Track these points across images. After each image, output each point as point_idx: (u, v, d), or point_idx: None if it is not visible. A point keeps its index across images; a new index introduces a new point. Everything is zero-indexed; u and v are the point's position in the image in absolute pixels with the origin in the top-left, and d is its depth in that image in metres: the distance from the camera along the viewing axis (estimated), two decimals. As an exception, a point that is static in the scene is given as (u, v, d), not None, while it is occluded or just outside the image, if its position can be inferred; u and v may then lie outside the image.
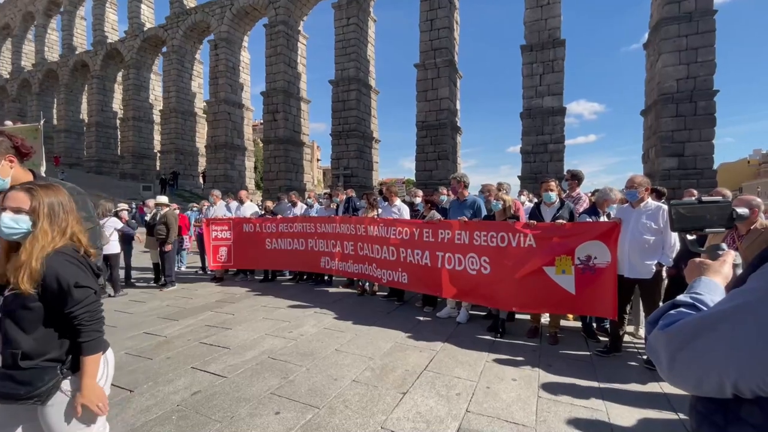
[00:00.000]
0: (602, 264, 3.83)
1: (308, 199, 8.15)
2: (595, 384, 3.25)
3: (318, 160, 67.41)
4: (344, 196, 7.26)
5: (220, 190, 8.80)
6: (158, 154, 34.21)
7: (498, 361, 3.74)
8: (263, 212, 8.13)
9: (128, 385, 3.18)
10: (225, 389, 3.10)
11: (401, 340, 4.29)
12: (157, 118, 34.67)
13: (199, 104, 34.10)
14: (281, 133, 26.28)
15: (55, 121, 40.83)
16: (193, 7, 30.83)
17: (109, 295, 6.36)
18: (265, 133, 27.04)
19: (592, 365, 3.65)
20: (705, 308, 0.80)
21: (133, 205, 17.41)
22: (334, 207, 7.35)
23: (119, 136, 36.19)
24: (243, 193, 8.43)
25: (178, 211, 7.93)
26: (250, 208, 8.15)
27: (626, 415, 2.77)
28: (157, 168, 34.42)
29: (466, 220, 4.80)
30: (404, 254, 5.38)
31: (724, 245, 1.02)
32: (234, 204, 8.33)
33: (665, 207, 3.66)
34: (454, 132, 23.25)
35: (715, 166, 17.80)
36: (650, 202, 3.73)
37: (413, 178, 24.29)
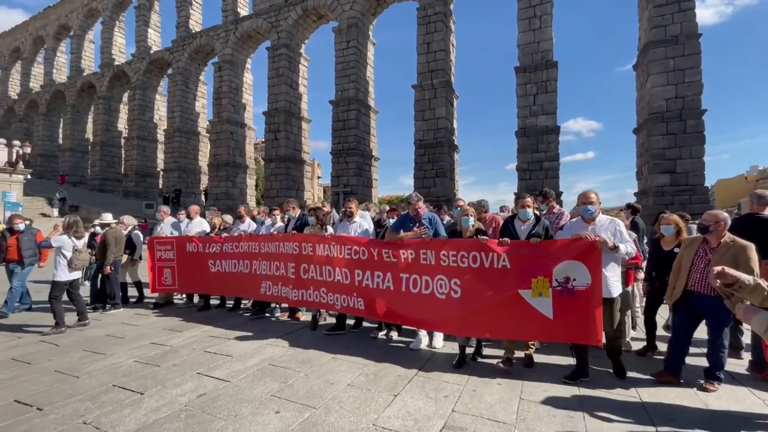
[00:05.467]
0: (582, 286, 3.54)
1: (258, 215, 6.94)
2: (575, 390, 3.45)
3: (318, 177, 68.04)
4: (299, 211, 6.26)
5: (219, 208, 7.95)
6: (161, 173, 34.75)
7: (485, 367, 3.97)
8: (210, 230, 7.13)
9: (138, 388, 3.41)
10: (229, 392, 3.33)
11: (395, 350, 4.51)
12: (161, 137, 35.38)
13: (203, 124, 34.86)
14: (282, 151, 26.84)
15: (60, 141, 41.63)
16: (199, 31, 31.95)
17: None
18: (267, 152, 27.61)
19: (574, 371, 3.86)
20: None
21: (136, 223, 17.72)
22: (281, 223, 6.36)
23: (123, 155, 36.84)
24: (193, 208, 7.60)
25: (134, 230, 7.43)
26: (198, 225, 7.26)
27: (602, 421, 2.95)
28: (160, 186, 34.92)
29: (430, 237, 4.36)
30: (360, 277, 4.73)
31: None
32: (186, 221, 7.43)
33: (617, 219, 3.75)
34: (452, 150, 23.78)
35: (708, 182, 18.17)
36: (602, 216, 3.74)
37: (412, 195, 24.63)
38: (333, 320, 5.46)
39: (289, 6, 27.20)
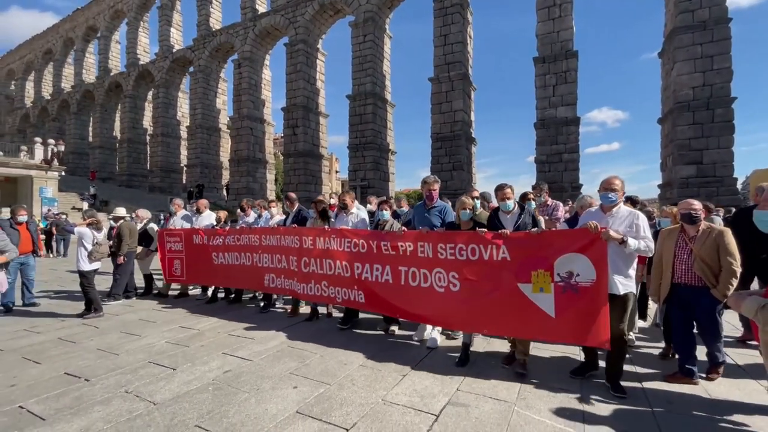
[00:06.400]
0: (586, 282, 3.28)
1: (253, 209, 7.04)
2: (577, 378, 3.50)
3: (336, 171, 68.74)
4: (297, 206, 6.27)
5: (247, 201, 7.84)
6: (184, 168, 35.93)
7: (493, 356, 4.14)
8: (216, 223, 7.23)
9: (171, 364, 3.77)
10: (251, 369, 3.64)
11: (404, 339, 4.73)
12: (183, 134, 36.54)
13: (223, 120, 35.78)
14: (301, 146, 27.34)
15: (90, 138, 43.54)
16: (219, 29, 32.68)
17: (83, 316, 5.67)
18: (286, 147, 28.17)
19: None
20: None
21: (161, 216, 18.57)
22: (280, 217, 6.55)
23: (149, 152, 38.25)
24: (202, 202, 7.75)
25: (149, 223, 7.64)
26: (207, 218, 7.38)
27: (600, 403, 3.06)
28: (183, 181, 36.12)
29: (428, 230, 4.28)
30: (359, 270, 4.69)
31: None
32: (206, 213, 7.51)
33: (639, 213, 3.35)
34: (469, 143, 23.67)
35: (744, 173, 17.57)
36: (622, 207, 3.37)
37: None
38: (340, 312, 5.54)
39: (306, 1, 27.47)
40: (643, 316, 5.20)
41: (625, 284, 3.24)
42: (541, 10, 20.89)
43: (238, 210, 7.77)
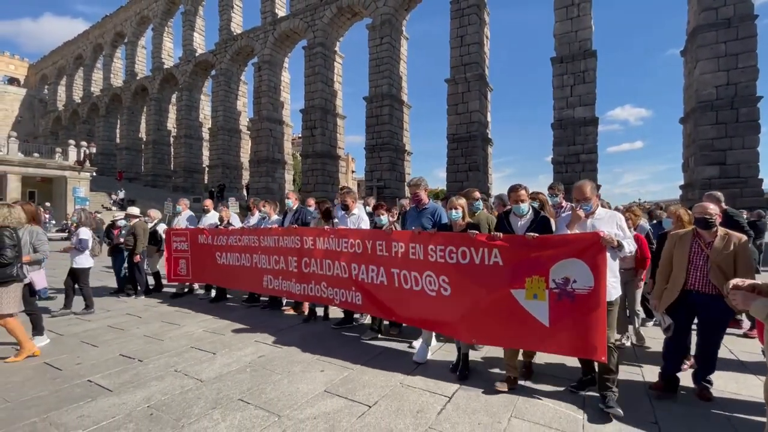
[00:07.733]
0: (583, 290, 3.09)
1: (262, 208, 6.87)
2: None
3: (353, 171, 69.28)
4: (297, 205, 6.19)
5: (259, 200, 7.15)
6: (206, 169, 37.08)
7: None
8: (219, 223, 7.20)
9: (211, 349, 4.22)
10: (282, 355, 4.06)
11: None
12: (206, 135, 37.69)
13: (244, 122, 36.73)
14: (318, 147, 27.90)
15: (118, 140, 45.36)
16: (239, 33, 33.59)
17: (74, 313, 5.85)
18: (304, 148, 28.80)
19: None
20: None
21: (161, 216, 19.22)
22: (277, 217, 6.47)
23: (173, 153, 39.61)
24: (208, 202, 7.83)
25: (159, 223, 7.79)
26: (212, 218, 7.41)
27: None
28: (205, 181, 37.28)
29: (420, 230, 4.11)
30: (356, 271, 4.61)
31: None
32: (211, 213, 7.59)
33: (617, 213, 3.37)
34: (485, 144, 23.74)
35: (763, 175, 17.11)
36: (600, 210, 3.32)
37: (445, 188, 24.99)
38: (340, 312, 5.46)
39: (324, 5, 28.02)
40: (650, 315, 5.36)
41: (616, 289, 3.21)
42: (559, 10, 20.80)
43: (225, 210, 7.59)
